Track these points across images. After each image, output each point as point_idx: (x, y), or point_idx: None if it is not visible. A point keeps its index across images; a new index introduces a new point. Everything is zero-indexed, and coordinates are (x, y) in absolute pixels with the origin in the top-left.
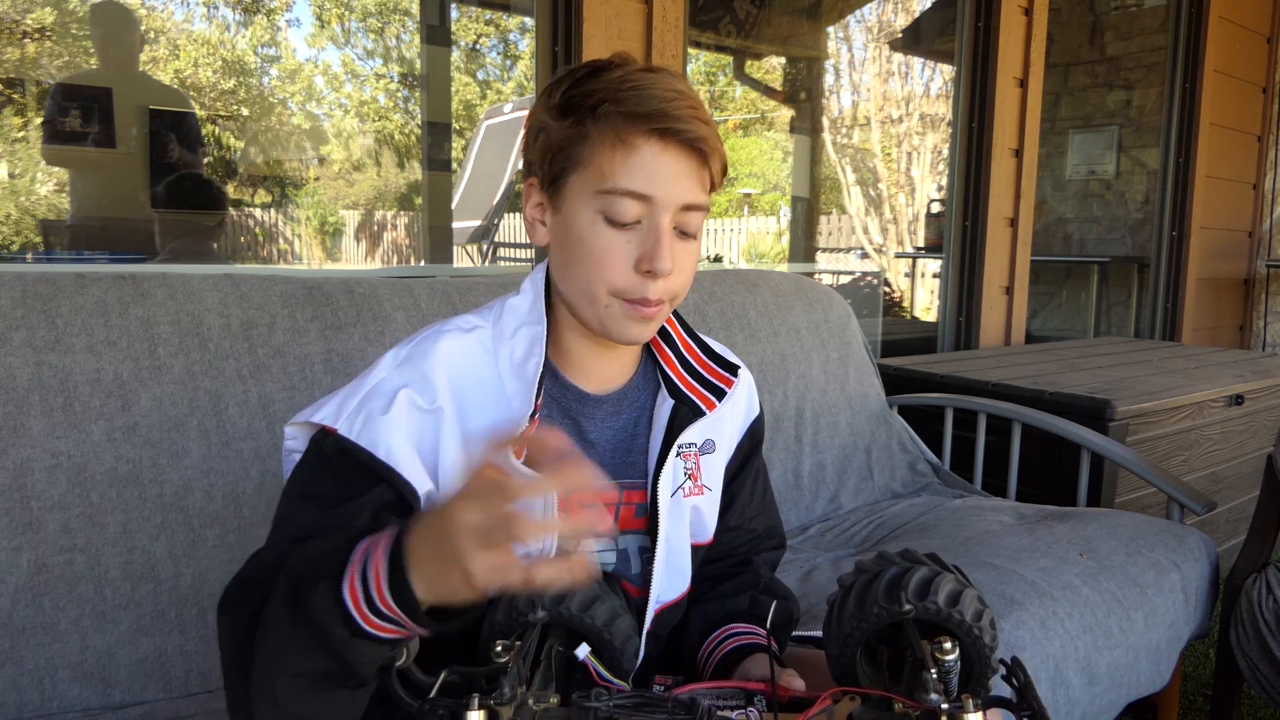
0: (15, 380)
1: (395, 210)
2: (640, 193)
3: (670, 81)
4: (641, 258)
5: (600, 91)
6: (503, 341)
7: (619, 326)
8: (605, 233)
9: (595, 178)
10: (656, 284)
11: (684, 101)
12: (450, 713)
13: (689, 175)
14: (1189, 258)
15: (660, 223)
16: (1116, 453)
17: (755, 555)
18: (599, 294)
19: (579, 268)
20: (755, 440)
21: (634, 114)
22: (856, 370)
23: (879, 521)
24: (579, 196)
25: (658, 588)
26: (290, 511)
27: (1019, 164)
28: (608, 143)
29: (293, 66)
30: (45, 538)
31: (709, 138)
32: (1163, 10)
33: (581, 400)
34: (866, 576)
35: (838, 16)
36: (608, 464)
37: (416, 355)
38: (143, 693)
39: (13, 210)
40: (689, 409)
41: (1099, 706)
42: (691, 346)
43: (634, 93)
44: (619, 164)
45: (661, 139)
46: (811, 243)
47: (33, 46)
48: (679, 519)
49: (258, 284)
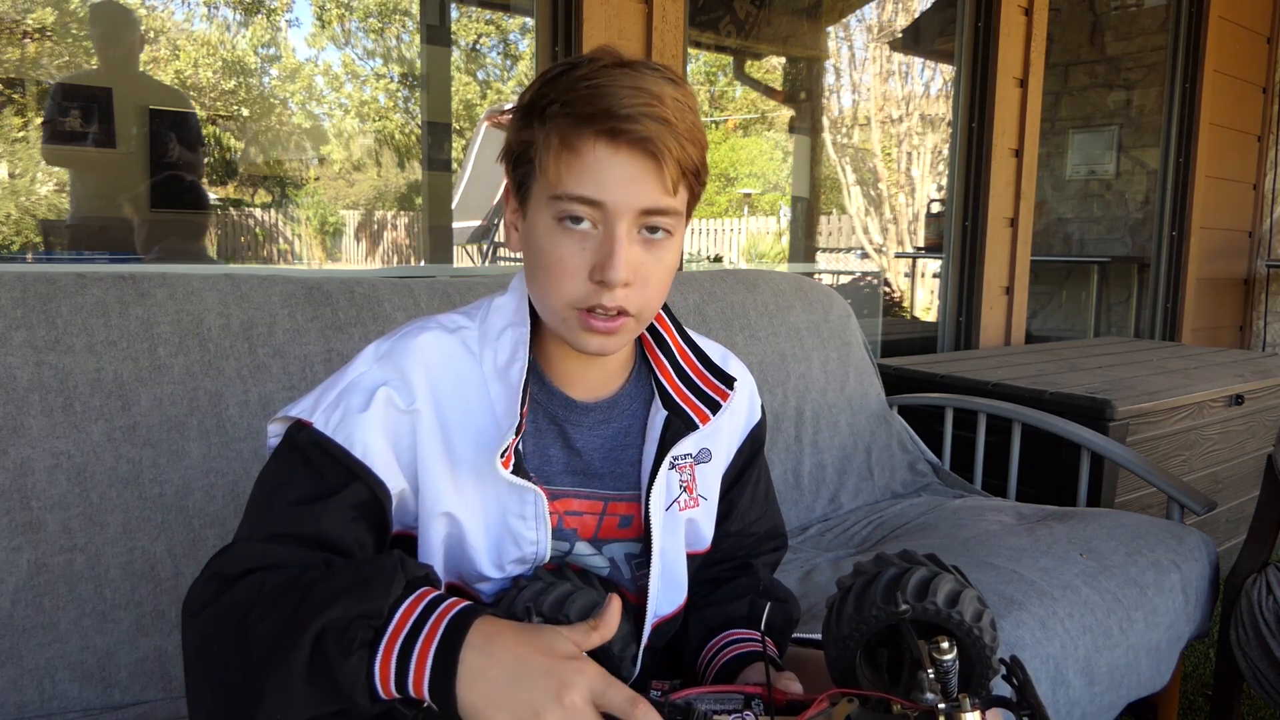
0: (15, 380)
1: (395, 210)
2: (589, 198)
3: (636, 78)
4: (595, 267)
5: (555, 93)
6: (488, 343)
7: (576, 339)
8: (560, 239)
9: (547, 184)
10: (613, 293)
11: (639, 98)
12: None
13: (645, 178)
14: (1189, 258)
15: (615, 230)
16: (1116, 453)
17: (756, 558)
18: (557, 305)
19: (538, 275)
20: (756, 446)
21: (579, 115)
22: (856, 370)
23: (879, 521)
24: (538, 204)
25: (654, 602)
26: (261, 504)
27: (1019, 164)
28: (553, 147)
29: (293, 66)
30: (45, 538)
31: (658, 136)
32: (1163, 10)
33: (568, 407)
34: (865, 578)
35: (838, 16)
36: (595, 473)
37: (396, 352)
38: (143, 693)
39: (13, 210)
40: (682, 421)
41: (1099, 706)
42: (688, 355)
43: (587, 92)
44: (564, 169)
45: (610, 140)
46: (811, 243)
47: (33, 46)
48: (673, 532)
49: (258, 284)
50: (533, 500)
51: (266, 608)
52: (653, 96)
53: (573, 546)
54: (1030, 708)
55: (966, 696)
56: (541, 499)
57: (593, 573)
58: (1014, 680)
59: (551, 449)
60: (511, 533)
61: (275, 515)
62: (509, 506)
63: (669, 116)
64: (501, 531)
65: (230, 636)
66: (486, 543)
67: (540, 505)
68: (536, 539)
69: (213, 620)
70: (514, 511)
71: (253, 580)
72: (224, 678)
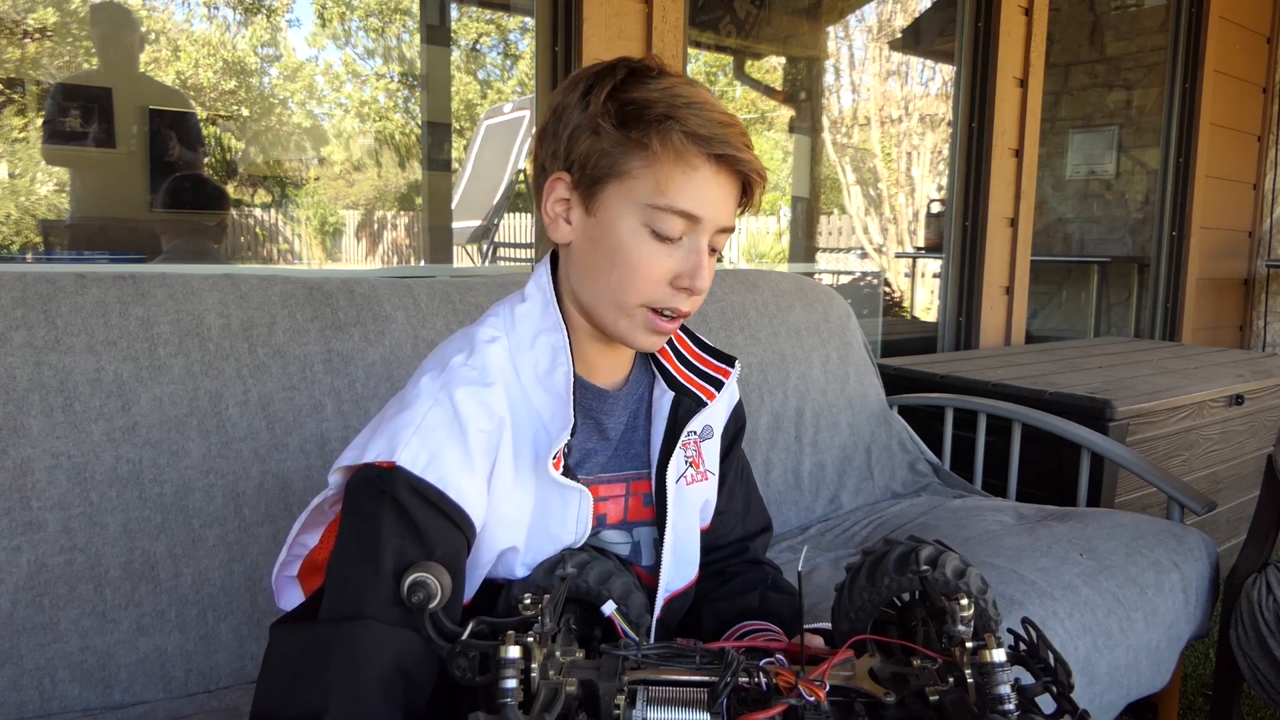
0: (15, 380)
1: (395, 210)
2: (690, 213)
3: (716, 102)
4: (681, 274)
5: (659, 104)
6: (522, 352)
7: (638, 335)
8: (648, 244)
9: (649, 191)
10: (691, 299)
11: (737, 129)
12: (481, 654)
13: (732, 200)
14: (1189, 258)
15: (701, 242)
16: (1116, 453)
17: (750, 542)
18: (629, 303)
19: (612, 274)
20: (739, 424)
21: (697, 135)
22: (856, 370)
23: (879, 521)
24: (622, 204)
25: (667, 576)
26: (358, 574)
27: (1019, 164)
28: (669, 160)
29: (293, 66)
30: (45, 538)
31: (759, 169)
32: (1163, 10)
33: (600, 398)
34: (875, 555)
35: (838, 16)
36: (616, 456)
37: (457, 379)
38: (143, 693)
39: (13, 210)
40: (692, 400)
41: (1099, 707)
42: (684, 339)
43: (693, 112)
44: (678, 182)
45: (718, 164)
46: (811, 243)
47: (33, 46)
48: (685, 506)
49: (258, 284)
50: (577, 501)
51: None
52: (743, 131)
53: (600, 533)
54: (1044, 663)
55: (991, 635)
56: (587, 498)
57: (611, 551)
58: (1026, 640)
59: (590, 441)
60: (550, 535)
61: (377, 585)
62: (552, 510)
63: (750, 144)
64: (542, 536)
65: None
66: (525, 547)
67: (585, 506)
68: (575, 536)
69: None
70: (556, 515)
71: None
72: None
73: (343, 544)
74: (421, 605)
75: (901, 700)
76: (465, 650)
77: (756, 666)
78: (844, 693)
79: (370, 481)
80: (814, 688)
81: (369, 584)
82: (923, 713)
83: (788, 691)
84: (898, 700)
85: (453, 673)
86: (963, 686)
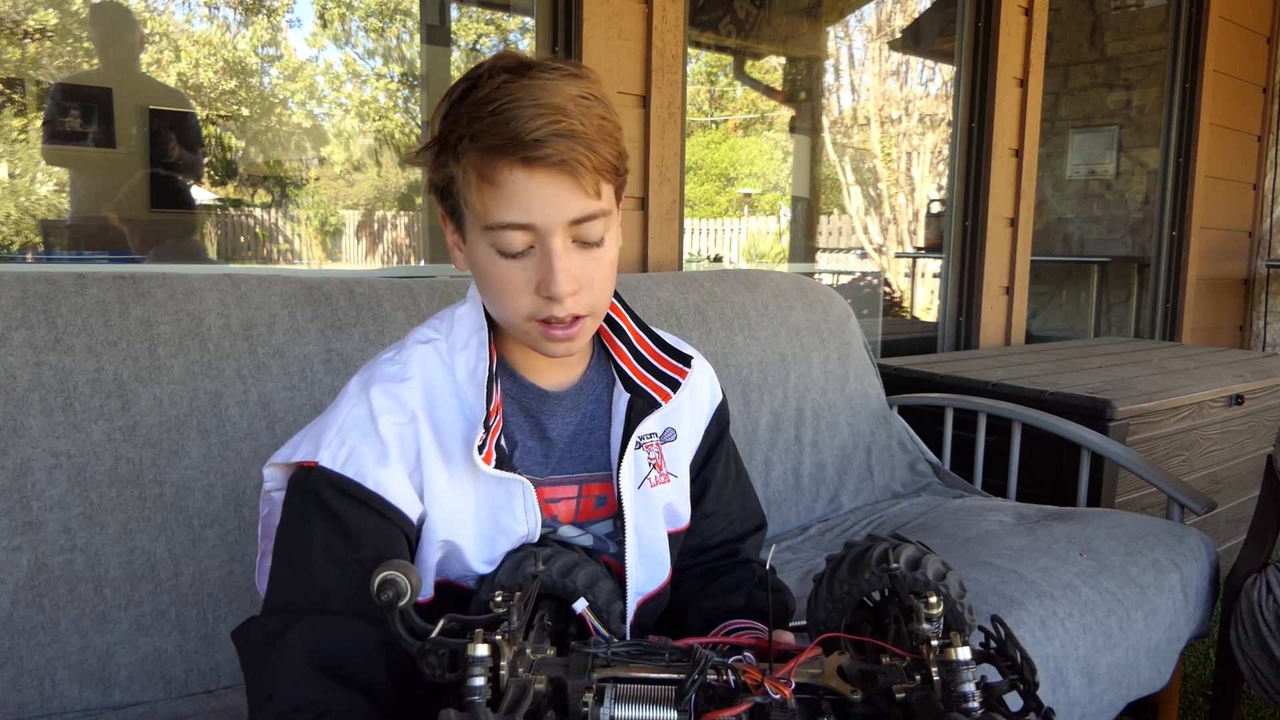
0: (15, 380)
1: (395, 210)
2: (519, 223)
3: (537, 90)
4: (539, 284)
5: (460, 125)
6: (456, 352)
7: (542, 345)
8: (500, 264)
9: (478, 214)
10: (562, 304)
11: (543, 118)
12: (450, 652)
13: (566, 192)
14: (1189, 258)
15: (551, 246)
16: (1116, 453)
17: (741, 543)
18: (514, 320)
19: (490, 296)
20: (722, 425)
21: (490, 147)
22: (856, 370)
23: (879, 521)
24: (472, 232)
25: (636, 580)
26: (294, 571)
27: (1019, 164)
28: (472, 181)
29: (294, 66)
30: (45, 538)
31: (569, 153)
32: (1163, 10)
33: (540, 398)
34: (857, 550)
35: (838, 16)
36: (566, 458)
37: (379, 377)
38: (143, 693)
39: (13, 210)
40: (645, 401)
41: (1099, 706)
42: (643, 339)
43: (492, 120)
44: (488, 201)
45: (526, 166)
46: (811, 243)
47: (33, 46)
48: (648, 509)
49: (258, 284)
50: (520, 492)
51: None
52: (556, 110)
53: (556, 530)
54: (1010, 660)
55: (957, 634)
56: (529, 489)
57: (576, 545)
58: (995, 639)
59: (529, 441)
60: (502, 528)
61: (310, 581)
62: (498, 502)
63: (575, 127)
64: (493, 529)
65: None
66: (478, 543)
67: (529, 496)
68: (528, 529)
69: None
70: (503, 507)
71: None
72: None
73: (278, 542)
74: (391, 603)
75: (868, 698)
76: (435, 648)
77: (725, 664)
78: (812, 690)
79: (298, 482)
80: (780, 686)
81: (299, 578)
82: (889, 710)
83: (755, 689)
84: (864, 698)
85: (422, 670)
86: (929, 684)
